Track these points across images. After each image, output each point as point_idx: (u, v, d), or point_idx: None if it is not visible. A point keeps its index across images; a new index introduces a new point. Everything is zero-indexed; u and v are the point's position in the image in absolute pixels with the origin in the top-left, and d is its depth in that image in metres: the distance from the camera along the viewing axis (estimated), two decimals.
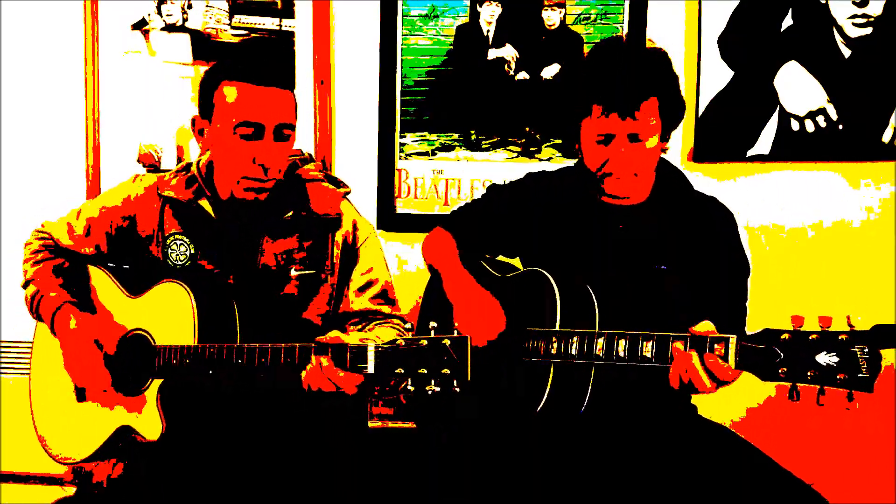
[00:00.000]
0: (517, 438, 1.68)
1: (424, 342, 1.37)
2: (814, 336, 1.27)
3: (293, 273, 1.75)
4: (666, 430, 1.67)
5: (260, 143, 1.64)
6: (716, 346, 1.39)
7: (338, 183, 1.87)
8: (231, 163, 1.67)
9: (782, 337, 1.30)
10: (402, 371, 1.38)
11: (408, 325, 1.47)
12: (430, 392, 1.36)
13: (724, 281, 1.69)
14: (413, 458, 1.98)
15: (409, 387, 1.38)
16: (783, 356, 1.30)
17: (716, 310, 1.63)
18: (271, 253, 1.75)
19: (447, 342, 1.36)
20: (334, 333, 1.53)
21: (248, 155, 1.65)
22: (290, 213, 1.76)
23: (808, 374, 1.27)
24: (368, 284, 1.79)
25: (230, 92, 1.63)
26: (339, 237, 1.78)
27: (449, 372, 1.35)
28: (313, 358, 1.50)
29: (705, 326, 1.44)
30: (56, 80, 2.64)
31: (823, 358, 1.26)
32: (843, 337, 1.24)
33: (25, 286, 1.85)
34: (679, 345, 1.44)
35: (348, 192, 1.87)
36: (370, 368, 1.43)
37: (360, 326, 1.78)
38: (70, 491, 1.89)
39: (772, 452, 1.60)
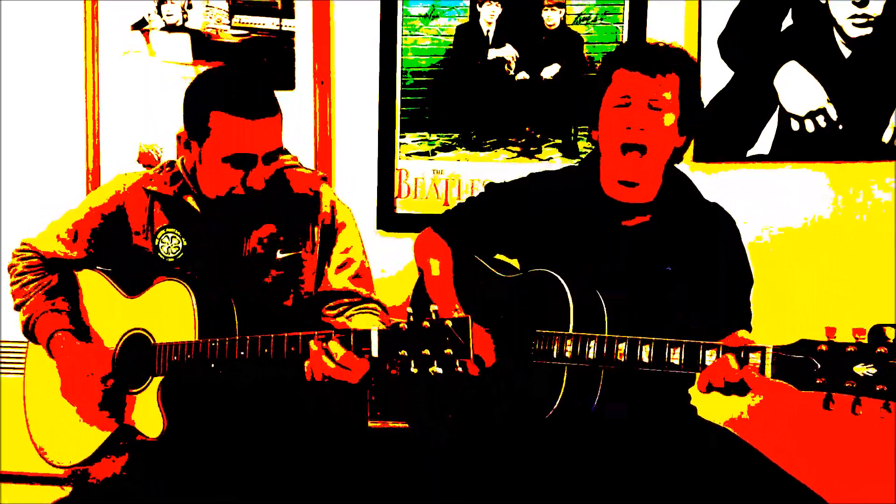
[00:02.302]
0: (520, 439, 1.68)
1: (427, 324, 1.38)
2: (851, 348, 1.30)
3: (279, 256, 1.76)
4: (665, 432, 1.67)
5: (250, 169, 1.66)
6: (751, 355, 1.39)
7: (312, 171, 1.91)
8: (219, 183, 1.69)
9: (819, 348, 1.33)
10: (406, 353, 1.39)
11: (398, 322, 1.47)
12: (433, 374, 1.36)
13: (726, 287, 1.69)
14: (413, 458, 1.98)
15: (412, 369, 1.38)
16: (820, 366, 1.32)
17: (717, 315, 1.63)
18: (256, 238, 1.76)
19: (449, 323, 1.36)
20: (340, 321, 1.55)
21: (236, 178, 1.66)
22: (272, 198, 1.76)
23: (847, 384, 1.29)
24: (346, 263, 1.80)
25: (220, 124, 1.62)
26: (318, 217, 1.80)
27: (452, 352, 1.36)
28: (313, 344, 1.50)
29: (744, 336, 1.44)
30: (56, 80, 2.64)
31: (861, 369, 1.28)
32: (882, 350, 1.27)
33: (17, 309, 1.85)
34: (711, 358, 1.44)
35: (325, 177, 1.89)
36: (374, 351, 1.44)
37: (338, 311, 1.78)
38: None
39: (770, 453, 1.60)
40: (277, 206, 1.77)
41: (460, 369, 1.36)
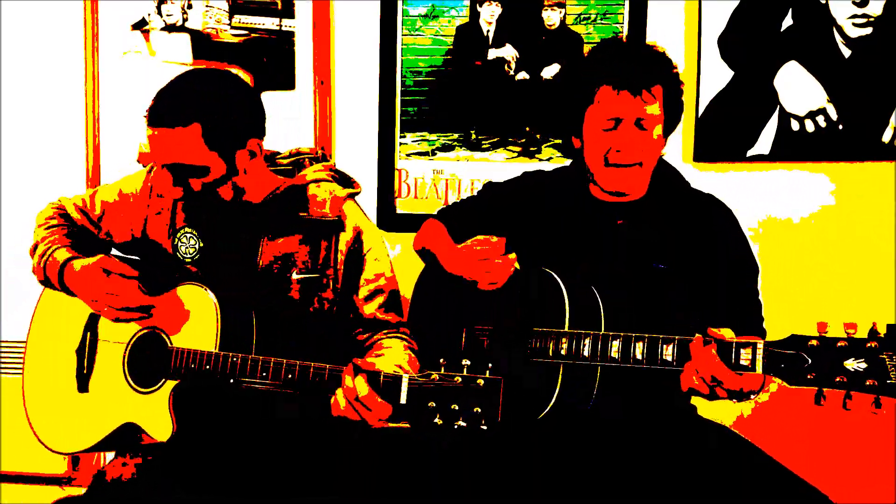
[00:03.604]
0: (520, 438, 1.68)
1: (459, 379, 1.38)
2: (842, 343, 1.29)
3: (294, 276, 1.74)
4: (666, 430, 1.67)
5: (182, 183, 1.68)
6: (742, 350, 1.39)
7: (347, 182, 1.86)
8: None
9: (810, 343, 1.32)
10: (434, 405, 1.39)
11: (430, 373, 1.46)
12: (456, 427, 1.37)
13: (727, 280, 1.69)
14: (414, 458, 1.98)
15: (436, 420, 1.38)
16: (811, 362, 1.31)
17: (720, 309, 1.62)
18: (270, 254, 1.75)
19: (481, 382, 1.36)
20: (370, 360, 1.55)
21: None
22: (289, 216, 1.76)
23: (837, 379, 1.29)
24: (376, 293, 1.78)
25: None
26: (342, 242, 1.76)
27: (480, 411, 1.36)
28: (349, 379, 1.49)
29: (727, 333, 1.43)
30: (56, 80, 2.64)
31: (852, 364, 1.28)
32: (872, 344, 1.26)
33: (33, 251, 1.83)
34: (698, 342, 1.43)
35: (356, 193, 1.85)
36: (403, 399, 1.43)
37: (367, 335, 1.78)
38: (71, 491, 1.89)
39: (773, 451, 1.60)
40: (290, 227, 1.76)
41: (485, 427, 1.36)
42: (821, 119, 2.32)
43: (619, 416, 1.67)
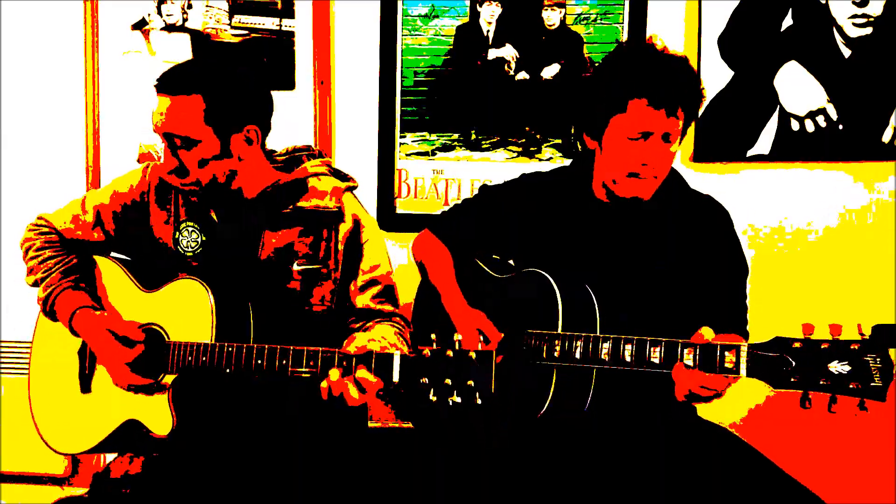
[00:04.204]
0: (517, 439, 1.68)
1: (450, 353, 1.38)
2: (825, 345, 1.28)
3: (296, 268, 1.75)
4: (664, 432, 1.67)
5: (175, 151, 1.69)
6: (726, 353, 1.38)
7: (344, 177, 1.87)
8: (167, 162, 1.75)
9: (794, 345, 1.31)
10: (427, 381, 1.39)
11: (422, 349, 1.46)
12: (451, 403, 1.37)
13: (723, 281, 1.69)
14: (412, 458, 1.99)
15: (431, 396, 1.39)
16: (795, 364, 1.30)
17: (715, 310, 1.63)
18: (271, 247, 1.76)
19: (473, 355, 1.37)
20: (360, 343, 1.55)
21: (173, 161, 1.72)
22: (290, 207, 1.77)
23: (821, 382, 1.28)
24: (371, 283, 1.79)
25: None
26: (341, 233, 1.78)
27: (473, 384, 1.36)
28: (333, 373, 1.50)
29: (707, 333, 1.43)
30: (56, 80, 2.64)
31: (836, 366, 1.27)
32: (855, 346, 1.25)
33: (35, 285, 1.84)
34: (688, 357, 1.42)
35: (354, 187, 1.86)
36: (395, 377, 1.44)
37: (360, 323, 1.78)
38: (70, 491, 1.89)
39: (770, 454, 1.59)
40: (291, 218, 1.77)
41: (480, 401, 1.36)
42: (821, 119, 2.32)
43: (615, 418, 1.67)
